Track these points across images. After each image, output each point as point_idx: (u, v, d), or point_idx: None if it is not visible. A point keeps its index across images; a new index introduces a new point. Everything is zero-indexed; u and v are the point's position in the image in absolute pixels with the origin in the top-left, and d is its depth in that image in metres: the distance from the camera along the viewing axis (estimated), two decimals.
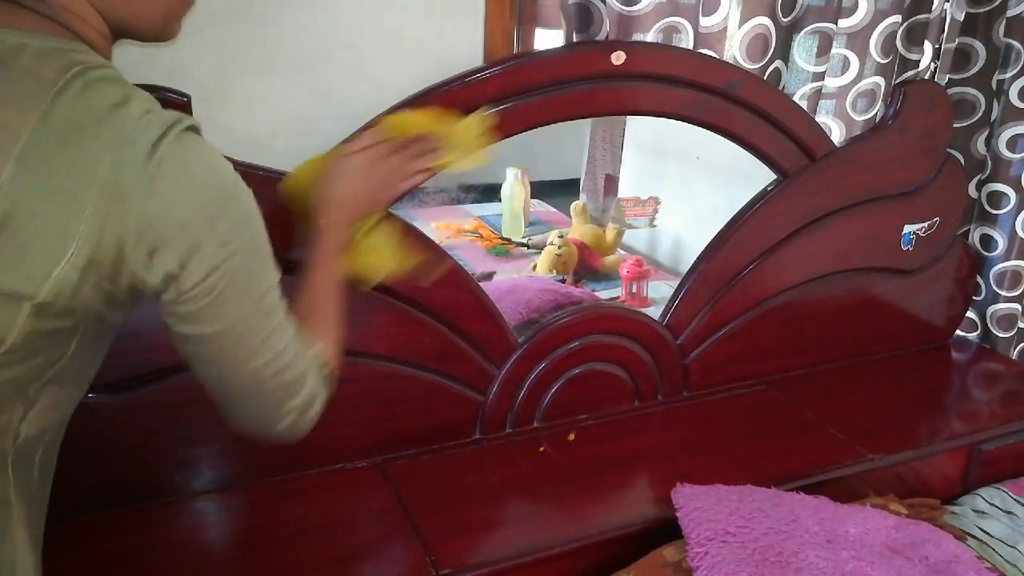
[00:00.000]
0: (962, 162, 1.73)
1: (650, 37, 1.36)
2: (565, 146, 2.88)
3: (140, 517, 1.15)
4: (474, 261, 2.25)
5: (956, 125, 1.70)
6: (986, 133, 1.75)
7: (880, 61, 1.57)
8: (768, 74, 1.45)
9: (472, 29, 1.27)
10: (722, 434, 1.47)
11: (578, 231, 2.31)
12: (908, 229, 1.69)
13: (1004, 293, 1.83)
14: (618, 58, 1.27)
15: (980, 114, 1.73)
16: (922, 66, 1.62)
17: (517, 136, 1.24)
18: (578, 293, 1.83)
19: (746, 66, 1.43)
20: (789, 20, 1.44)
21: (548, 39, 1.37)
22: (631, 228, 2.30)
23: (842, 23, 1.53)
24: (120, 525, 1.13)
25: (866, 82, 1.59)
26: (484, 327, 1.33)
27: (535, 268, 2.21)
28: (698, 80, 1.35)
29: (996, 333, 1.87)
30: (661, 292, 2.04)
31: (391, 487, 1.25)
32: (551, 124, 1.28)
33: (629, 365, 1.49)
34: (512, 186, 2.49)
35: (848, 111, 1.62)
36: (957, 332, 1.90)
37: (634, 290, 2.08)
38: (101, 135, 0.61)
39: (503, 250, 2.41)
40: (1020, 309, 1.84)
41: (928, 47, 1.61)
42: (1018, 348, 1.88)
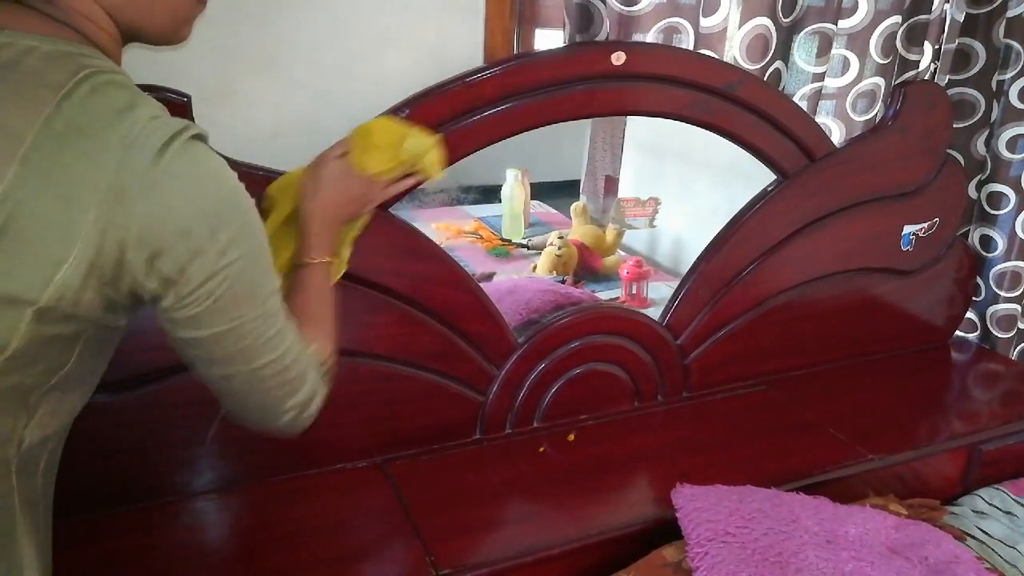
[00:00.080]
0: (962, 163, 1.73)
1: (650, 37, 1.36)
2: (565, 147, 2.88)
3: (140, 517, 1.15)
4: (474, 262, 2.24)
5: (956, 126, 1.70)
6: (986, 134, 1.75)
7: (880, 62, 1.57)
8: (768, 75, 1.46)
9: (472, 29, 1.27)
10: (722, 434, 1.47)
11: (578, 232, 2.31)
12: (908, 229, 1.69)
13: (1004, 294, 1.83)
14: (618, 58, 1.27)
15: (980, 115, 1.73)
16: (922, 67, 1.62)
17: (517, 137, 1.24)
18: (578, 294, 1.83)
19: (746, 66, 1.43)
20: (789, 21, 1.45)
21: (548, 39, 1.37)
22: (631, 229, 2.30)
23: (842, 24, 1.53)
24: (120, 525, 1.13)
25: (866, 83, 1.59)
26: (484, 327, 1.33)
27: (535, 269, 2.21)
28: (698, 80, 1.35)
29: (996, 333, 1.87)
30: (661, 293, 2.04)
31: (391, 487, 1.25)
32: (551, 124, 1.28)
33: (629, 365, 1.49)
34: (512, 187, 2.49)
35: (848, 112, 1.62)
36: (957, 332, 1.90)
37: (634, 291, 2.08)
38: (106, 139, 0.61)
39: (503, 251, 2.41)
40: (1020, 310, 1.84)
41: (928, 48, 1.61)
42: (1018, 348, 1.88)
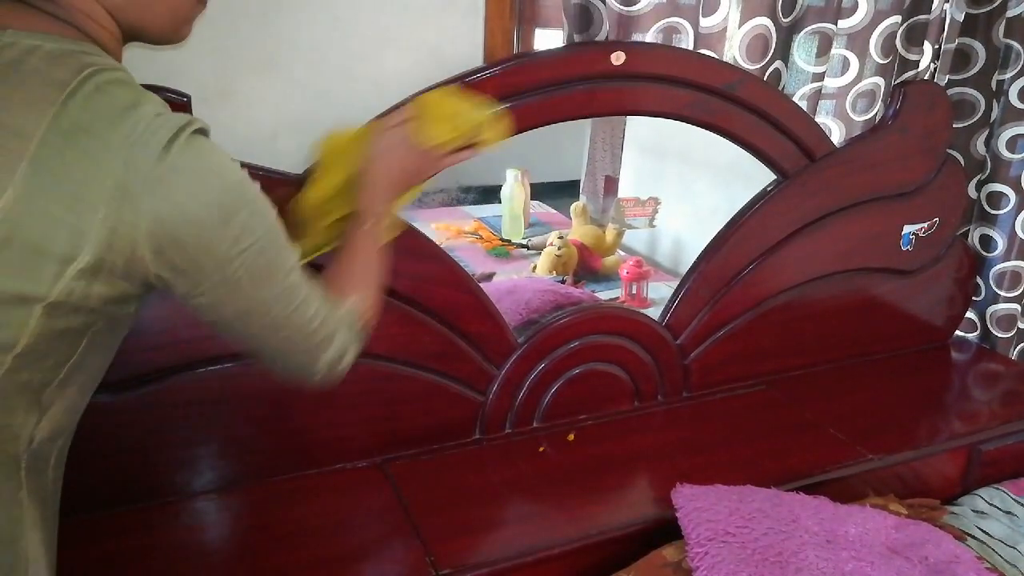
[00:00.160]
0: (962, 162, 1.73)
1: (650, 37, 1.36)
2: (565, 147, 2.88)
3: (140, 517, 1.15)
4: (474, 262, 2.25)
5: (956, 125, 1.70)
6: (986, 133, 1.75)
7: (880, 61, 1.57)
8: (768, 74, 1.46)
9: (472, 29, 1.27)
10: (722, 434, 1.47)
11: (578, 232, 2.31)
12: (908, 229, 1.69)
13: (1004, 293, 1.83)
14: (618, 58, 1.27)
15: (980, 114, 1.73)
16: (922, 66, 1.62)
17: (517, 137, 1.24)
18: (578, 294, 1.83)
19: (746, 66, 1.43)
20: (789, 20, 1.45)
21: (548, 39, 1.37)
22: (631, 228, 2.30)
23: (842, 23, 1.53)
24: (120, 525, 1.13)
25: (866, 82, 1.59)
26: (484, 327, 1.33)
27: (535, 269, 2.21)
28: (698, 80, 1.35)
29: (996, 333, 1.87)
30: (661, 293, 2.04)
31: (391, 487, 1.25)
32: (551, 124, 1.28)
33: (629, 365, 1.49)
34: (512, 187, 2.49)
35: (848, 111, 1.62)
36: (957, 332, 1.90)
37: (634, 291, 2.08)
38: (112, 138, 0.62)
39: (503, 251, 2.41)
40: (1020, 309, 1.84)
41: (928, 48, 1.61)
42: (1018, 348, 1.88)
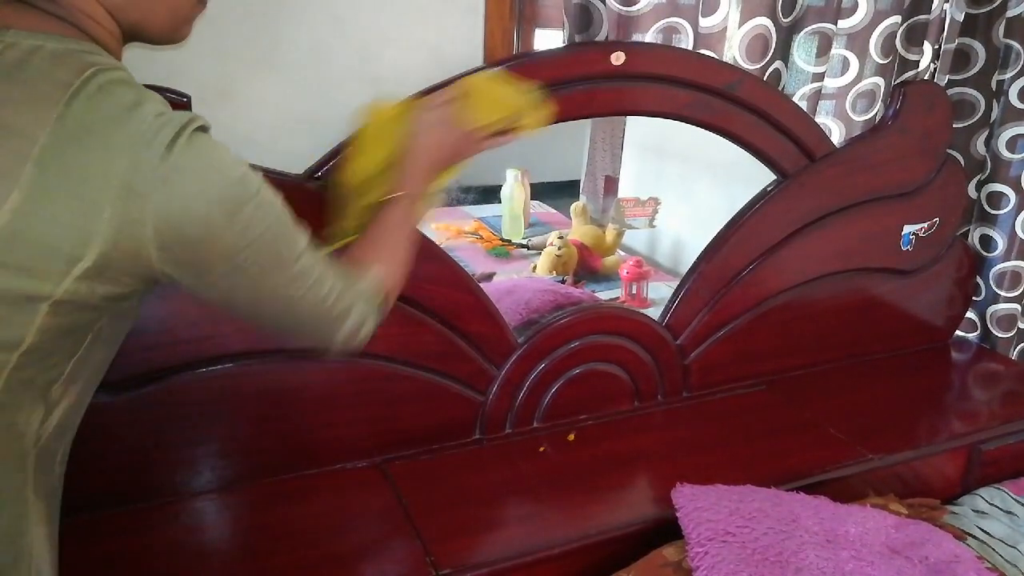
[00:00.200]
0: (962, 162, 1.73)
1: (649, 37, 1.36)
2: (565, 147, 2.87)
3: (140, 517, 1.15)
4: (474, 262, 2.24)
5: (956, 125, 1.70)
6: (986, 133, 1.75)
7: (880, 62, 1.57)
8: (768, 74, 1.46)
9: (472, 29, 1.27)
10: (722, 434, 1.47)
11: (578, 232, 2.31)
12: (908, 229, 1.69)
13: (1004, 293, 1.83)
14: (618, 58, 1.27)
15: (980, 114, 1.73)
16: (922, 67, 1.62)
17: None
18: (578, 294, 1.83)
19: (746, 66, 1.43)
20: (789, 20, 1.45)
21: (548, 39, 1.37)
22: (631, 229, 2.30)
23: (842, 24, 1.53)
24: (120, 525, 1.13)
25: (866, 83, 1.59)
26: (484, 327, 1.33)
27: (535, 269, 2.21)
28: (698, 80, 1.35)
29: (996, 333, 1.87)
30: (661, 293, 2.04)
31: (391, 487, 1.25)
32: (551, 124, 1.28)
33: (629, 365, 1.49)
34: (512, 187, 2.49)
35: (848, 111, 1.62)
36: (957, 332, 1.90)
37: (634, 291, 2.08)
38: (115, 139, 0.62)
39: (503, 251, 2.41)
40: (1020, 309, 1.84)
41: (928, 48, 1.61)
42: (1018, 348, 1.88)
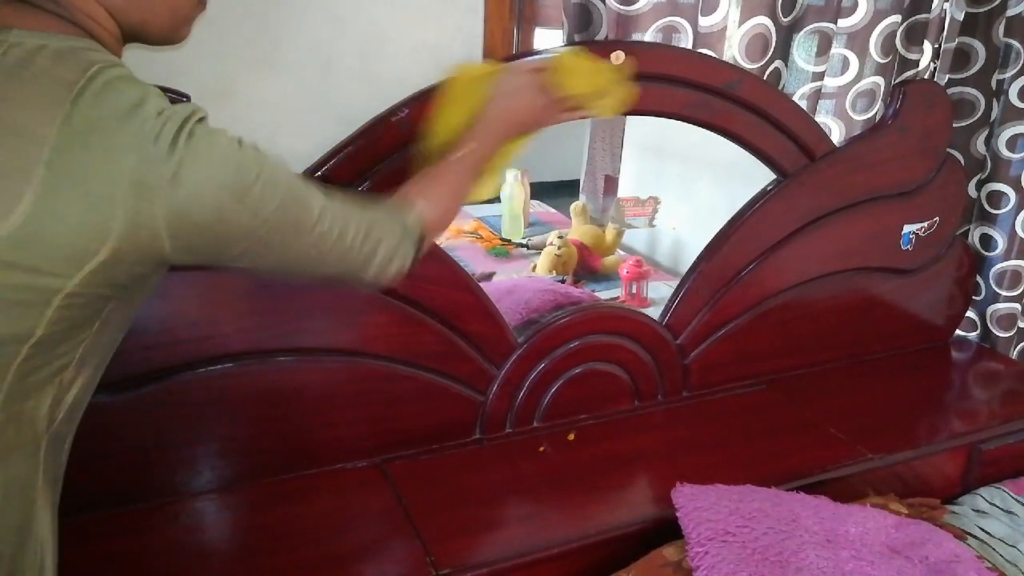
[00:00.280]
0: (962, 162, 1.73)
1: (649, 37, 1.36)
2: (565, 147, 2.88)
3: (140, 517, 1.15)
4: (474, 262, 2.25)
5: (956, 125, 1.70)
6: (986, 133, 1.75)
7: (880, 61, 1.57)
8: (768, 74, 1.46)
9: (472, 29, 1.27)
10: (722, 434, 1.46)
11: (578, 232, 2.31)
12: (908, 229, 1.69)
13: (1004, 293, 1.83)
14: (617, 58, 1.27)
15: (980, 114, 1.73)
16: (922, 66, 1.62)
17: None
18: (578, 293, 1.83)
19: (746, 66, 1.43)
20: (789, 20, 1.45)
21: (548, 39, 1.37)
22: (630, 228, 2.30)
23: (842, 23, 1.53)
24: (120, 525, 1.13)
25: (866, 82, 1.59)
26: (484, 327, 1.33)
27: (535, 269, 2.21)
28: (698, 80, 1.35)
29: (996, 333, 1.87)
30: (661, 292, 2.04)
31: (391, 487, 1.25)
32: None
33: (629, 365, 1.49)
34: (512, 187, 2.49)
35: (848, 111, 1.62)
36: (957, 332, 1.90)
37: (634, 290, 2.08)
38: (123, 136, 0.63)
39: (503, 251, 2.41)
40: (1020, 309, 1.84)
41: (928, 47, 1.61)
42: (1018, 348, 1.88)
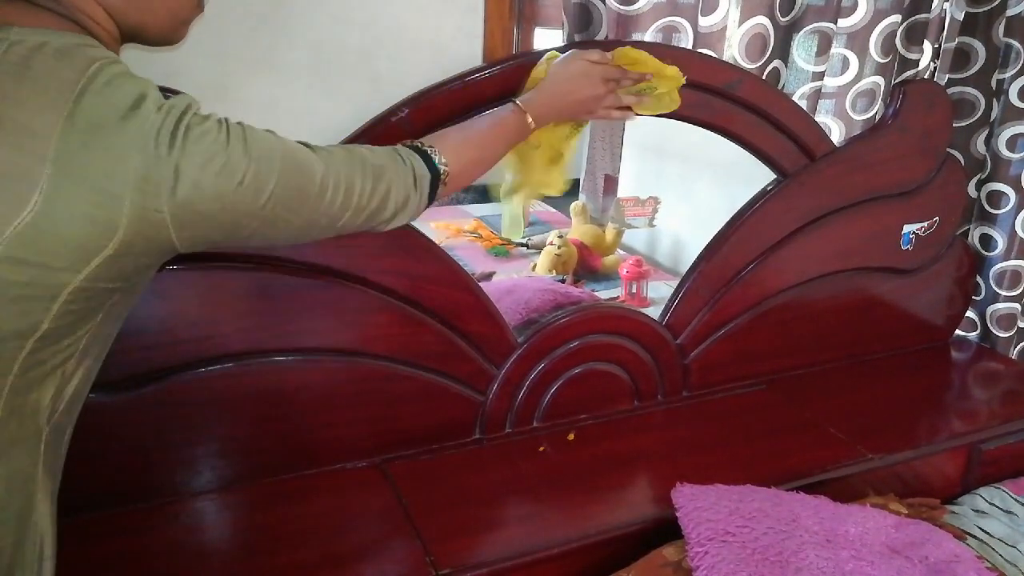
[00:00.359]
0: (962, 162, 1.73)
1: (649, 37, 1.36)
2: None
3: (140, 517, 1.15)
4: (473, 261, 2.25)
5: (956, 125, 1.70)
6: (986, 133, 1.75)
7: (879, 61, 1.57)
8: (767, 74, 1.45)
9: (472, 29, 1.27)
10: (722, 434, 1.46)
11: (578, 231, 2.32)
12: (908, 229, 1.69)
13: (1004, 293, 1.83)
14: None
15: (980, 114, 1.73)
16: (922, 66, 1.62)
17: None
18: (577, 293, 1.83)
19: (745, 66, 1.43)
20: (788, 20, 1.44)
21: (548, 39, 1.37)
22: (630, 228, 2.30)
23: (841, 23, 1.53)
24: (120, 525, 1.13)
25: (866, 82, 1.59)
26: (484, 327, 1.33)
27: (535, 268, 2.21)
28: (698, 80, 1.35)
29: (996, 333, 1.87)
30: (661, 292, 2.05)
31: (391, 487, 1.25)
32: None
33: (629, 365, 1.49)
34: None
35: (848, 111, 1.62)
36: (957, 332, 1.90)
37: (634, 290, 2.08)
38: (126, 132, 0.64)
39: (502, 250, 2.41)
40: (1020, 309, 1.84)
41: (928, 47, 1.61)
42: (1018, 348, 1.88)
